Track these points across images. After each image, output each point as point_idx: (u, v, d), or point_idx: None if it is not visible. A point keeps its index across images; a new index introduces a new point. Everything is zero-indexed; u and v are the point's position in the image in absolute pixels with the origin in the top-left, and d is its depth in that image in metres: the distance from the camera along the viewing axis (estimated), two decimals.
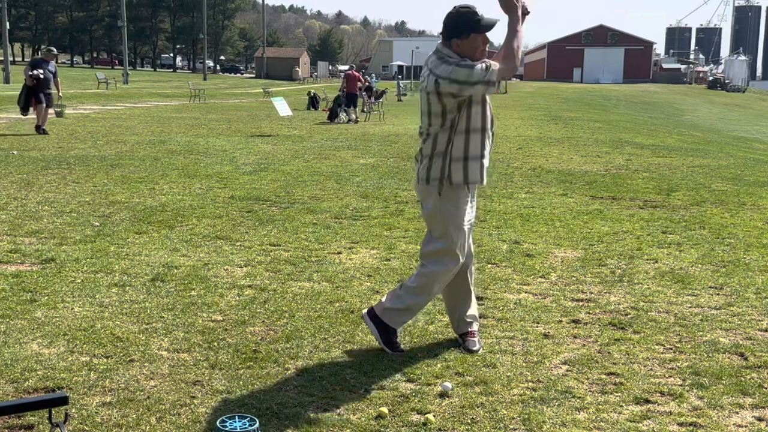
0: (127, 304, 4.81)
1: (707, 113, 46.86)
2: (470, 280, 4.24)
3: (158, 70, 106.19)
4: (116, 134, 16.43)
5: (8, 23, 49.51)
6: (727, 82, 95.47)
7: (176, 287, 5.16)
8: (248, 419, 2.92)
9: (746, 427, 3.32)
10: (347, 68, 31.83)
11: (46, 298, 4.88)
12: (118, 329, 4.33)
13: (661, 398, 3.58)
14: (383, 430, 3.23)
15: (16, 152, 12.47)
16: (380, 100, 27.50)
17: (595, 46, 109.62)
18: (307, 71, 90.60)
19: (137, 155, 12.54)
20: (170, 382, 3.65)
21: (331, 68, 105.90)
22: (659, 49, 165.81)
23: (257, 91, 47.98)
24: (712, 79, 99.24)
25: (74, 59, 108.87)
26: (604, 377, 3.81)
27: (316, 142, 15.92)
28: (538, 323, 4.60)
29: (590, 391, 3.65)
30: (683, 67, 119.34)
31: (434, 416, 3.32)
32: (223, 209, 7.98)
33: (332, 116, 23.08)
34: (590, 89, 69.87)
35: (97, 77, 46.23)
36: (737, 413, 3.44)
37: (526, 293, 5.23)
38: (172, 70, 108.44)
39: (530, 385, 3.70)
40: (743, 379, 3.81)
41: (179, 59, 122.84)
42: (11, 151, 12.64)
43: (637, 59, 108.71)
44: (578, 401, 3.52)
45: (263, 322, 4.52)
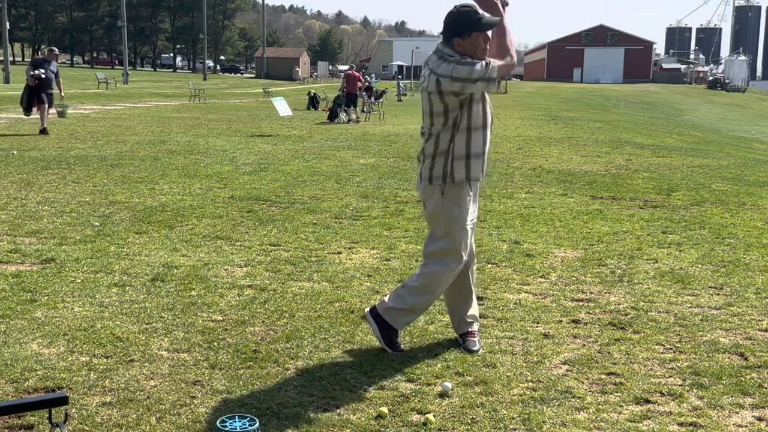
0: (127, 304, 4.81)
1: (707, 113, 46.86)
2: (472, 280, 4.24)
3: (158, 70, 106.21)
4: (116, 134, 16.43)
5: (8, 23, 49.53)
6: (727, 82, 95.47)
7: (176, 287, 5.16)
8: (248, 419, 2.92)
9: (746, 427, 3.32)
10: (347, 68, 31.85)
11: (46, 298, 4.88)
12: (118, 329, 4.33)
13: (661, 398, 3.58)
14: (383, 430, 3.23)
15: (16, 152, 12.47)
16: (380, 100, 27.50)
17: (595, 46, 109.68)
18: (307, 71, 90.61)
19: (137, 155, 12.54)
20: (170, 382, 3.65)
21: (331, 68, 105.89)
22: (659, 49, 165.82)
23: (257, 91, 47.98)
24: (712, 79, 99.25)
25: (74, 59, 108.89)
26: (604, 377, 3.81)
27: (316, 142, 15.92)
28: (538, 323, 4.61)
29: (590, 391, 3.65)
30: (683, 67, 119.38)
31: (434, 416, 3.33)
32: (223, 209, 7.98)
33: (332, 116, 23.09)
34: (590, 89, 69.89)
35: (97, 77, 46.25)
36: (737, 413, 3.44)
37: (526, 293, 5.23)
38: (172, 70, 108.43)
39: (530, 385, 3.70)
40: (743, 379, 3.81)
41: (179, 59, 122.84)
42: (11, 151, 12.65)
43: (637, 59, 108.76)
44: (578, 401, 3.52)
45: (263, 322, 4.52)
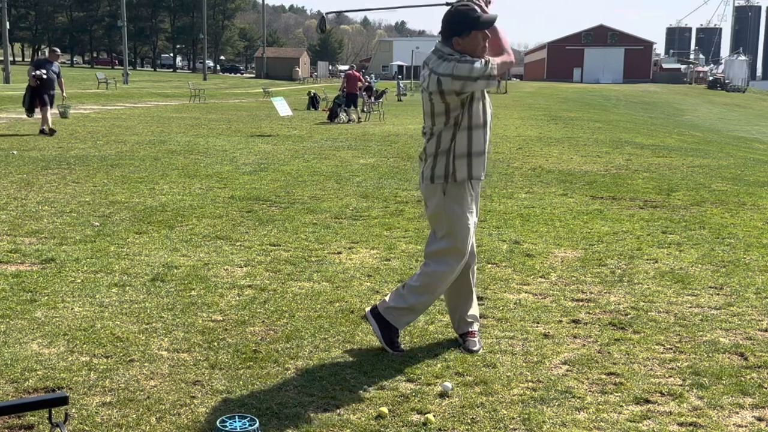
0: (127, 304, 4.81)
1: (707, 113, 46.85)
2: (472, 280, 4.24)
3: (158, 70, 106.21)
4: (116, 134, 16.43)
5: (8, 23, 49.52)
6: (727, 82, 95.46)
7: (176, 287, 5.16)
8: (248, 419, 2.92)
9: (746, 427, 3.32)
10: (347, 68, 31.85)
11: (46, 298, 4.88)
12: (118, 329, 4.33)
13: (661, 398, 3.58)
14: (383, 430, 3.23)
15: (16, 152, 12.47)
16: (380, 100, 27.50)
17: (595, 46, 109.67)
18: (307, 71, 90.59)
19: (137, 155, 12.54)
20: (170, 382, 3.65)
21: (331, 68, 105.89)
22: (659, 49, 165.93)
23: (257, 91, 47.98)
24: (712, 79, 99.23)
25: (74, 59, 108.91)
26: (604, 377, 3.81)
27: (316, 142, 15.92)
28: (538, 323, 4.61)
29: (590, 391, 3.65)
30: (683, 67, 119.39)
31: (434, 416, 3.32)
32: (223, 209, 7.98)
33: (332, 116, 23.09)
34: (590, 89, 69.89)
35: (97, 77, 46.23)
36: (737, 413, 3.44)
37: (526, 293, 5.23)
38: (172, 70, 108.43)
39: (530, 385, 3.70)
40: (743, 379, 3.81)
41: (179, 59, 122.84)
42: (11, 151, 12.65)
43: (637, 59, 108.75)
44: (578, 401, 3.52)
45: (263, 322, 4.52)
